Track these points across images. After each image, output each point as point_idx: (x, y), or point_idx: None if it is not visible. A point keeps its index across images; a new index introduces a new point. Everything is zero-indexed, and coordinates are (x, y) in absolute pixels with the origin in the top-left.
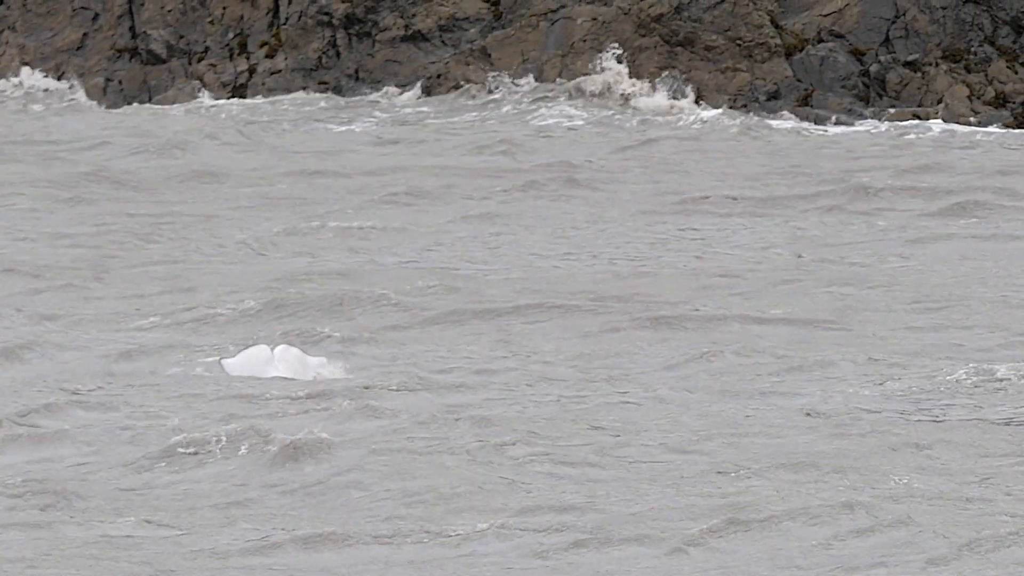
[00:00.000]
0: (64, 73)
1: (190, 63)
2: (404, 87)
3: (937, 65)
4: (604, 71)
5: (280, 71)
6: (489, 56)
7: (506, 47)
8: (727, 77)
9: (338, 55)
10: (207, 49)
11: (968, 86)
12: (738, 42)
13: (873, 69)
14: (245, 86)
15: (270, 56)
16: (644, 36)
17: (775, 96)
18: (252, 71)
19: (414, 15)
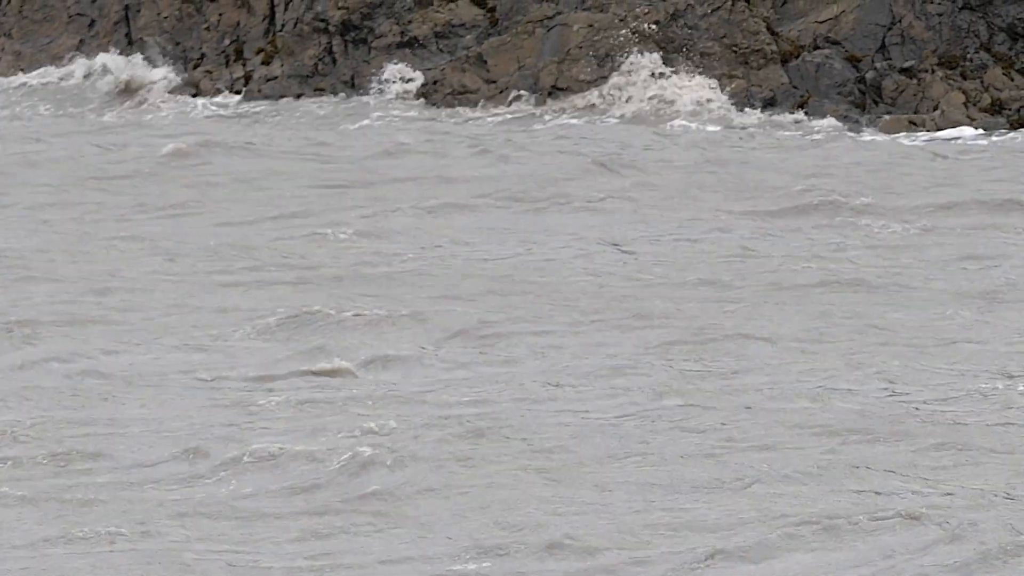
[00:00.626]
0: None
1: (186, 69)
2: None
3: (933, 72)
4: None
5: (276, 77)
6: (485, 63)
7: (502, 54)
8: (723, 84)
9: (334, 61)
10: (203, 55)
11: (964, 93)
12: (734, 49)
13: (869, 76)
14: (241, 92)
15: (266, 63)
16: (640, 43)
17: (771, 103)
18: (248, 77)
19: (410, 22)
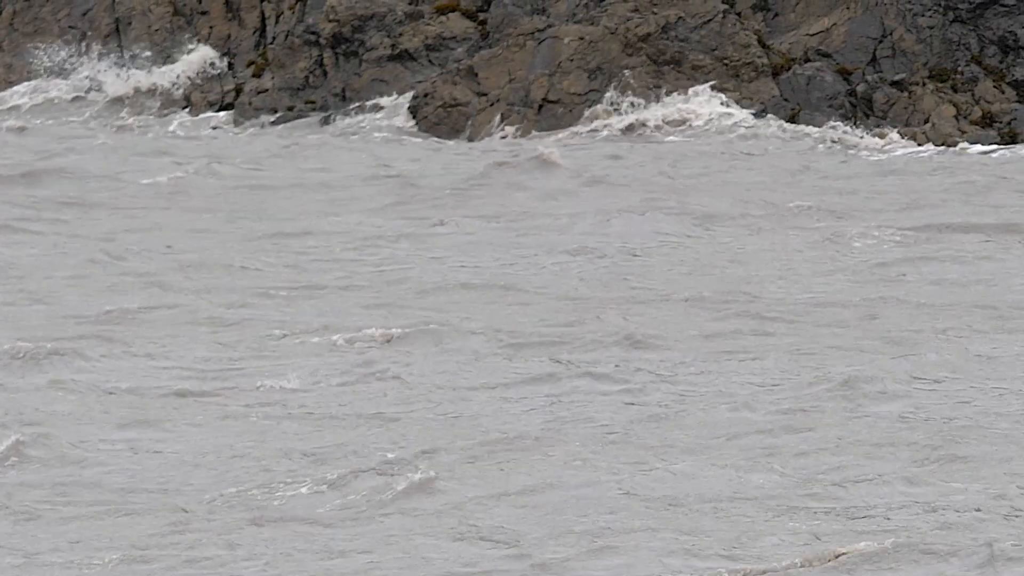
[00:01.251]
0: None
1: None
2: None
3: (924, 85)
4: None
5: (267, 90)
6: (476, 75)
7: (493, 66)
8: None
9: (325, 74)
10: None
11: (955, 105)
12: (725, 61)
13: (860, 88)
14: (232, 105)
15: (257, 75)
16: (631, 56)
17: (762, 115)
18: (239, 90)
19: (401, 34)
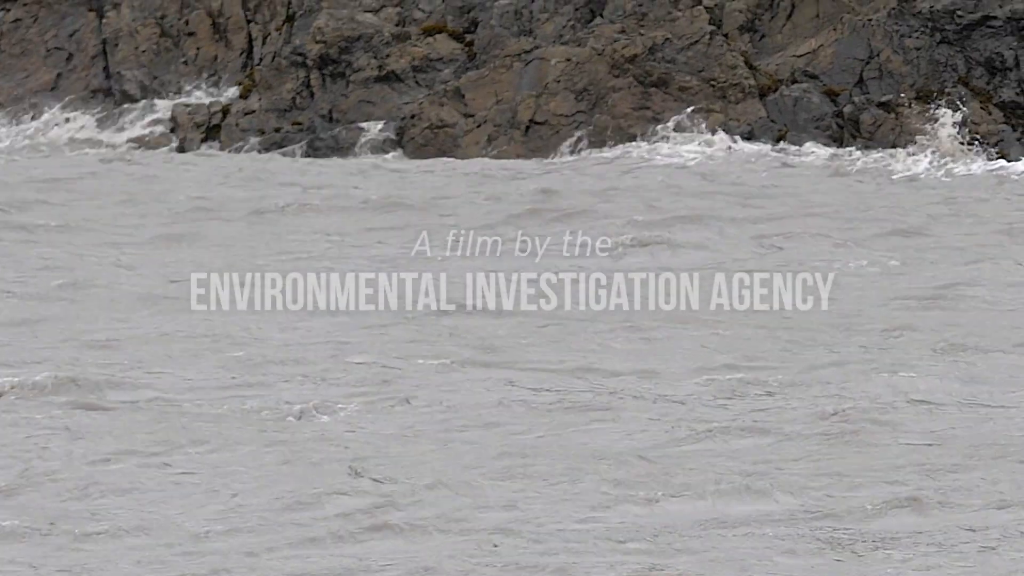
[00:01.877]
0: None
1: (165, 95)
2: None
3: (911, 106)
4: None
5: (254, 111)
6: (463, 96)
7: (480, 88)
8: (702, 118)
9: (312, 95)
10: (180, 89)
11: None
12: (712, 83)
13: (847, 110)
14: (219, 127)
15: (244, 96)
16: (617, 77)
17: (750, 137)
18: (226, 112)
19: (388, 56)
